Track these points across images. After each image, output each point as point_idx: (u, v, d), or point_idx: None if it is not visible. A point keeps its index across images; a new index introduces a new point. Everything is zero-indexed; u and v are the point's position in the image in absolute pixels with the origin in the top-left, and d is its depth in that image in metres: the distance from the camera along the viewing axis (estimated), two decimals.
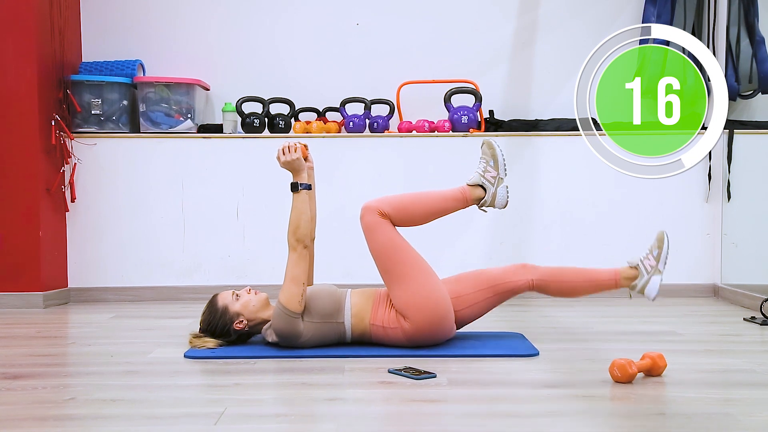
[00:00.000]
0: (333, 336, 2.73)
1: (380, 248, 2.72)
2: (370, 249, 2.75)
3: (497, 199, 2.86)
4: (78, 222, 4.24)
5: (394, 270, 2.69)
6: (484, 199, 2.85)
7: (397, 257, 2.70)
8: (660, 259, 2.88)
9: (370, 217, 2.73)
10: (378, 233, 2.72)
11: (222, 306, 2.77)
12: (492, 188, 2.85)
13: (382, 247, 2.71)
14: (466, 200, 2.83)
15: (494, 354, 2.68)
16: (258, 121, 4.26)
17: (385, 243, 2.71)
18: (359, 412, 2.03)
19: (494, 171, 2.87)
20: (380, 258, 2.73)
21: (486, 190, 2.83)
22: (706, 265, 4.26)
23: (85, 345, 3.02)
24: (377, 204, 2.74)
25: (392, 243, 2.72)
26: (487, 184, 2.85)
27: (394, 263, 2.70)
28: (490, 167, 2.88)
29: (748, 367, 2.53)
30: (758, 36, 4.12)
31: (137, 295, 4.25)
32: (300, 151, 2.72)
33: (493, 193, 2.84)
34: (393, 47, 4.47)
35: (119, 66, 4.29)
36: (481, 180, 2.84)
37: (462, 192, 2.83)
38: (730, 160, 4.14)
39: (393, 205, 2.75)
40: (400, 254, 2.71)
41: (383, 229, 2.72)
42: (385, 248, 2.71)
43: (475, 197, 2.84)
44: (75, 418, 2.00)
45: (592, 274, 2.91)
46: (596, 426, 1.90)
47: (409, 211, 2.77)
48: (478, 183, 2.84)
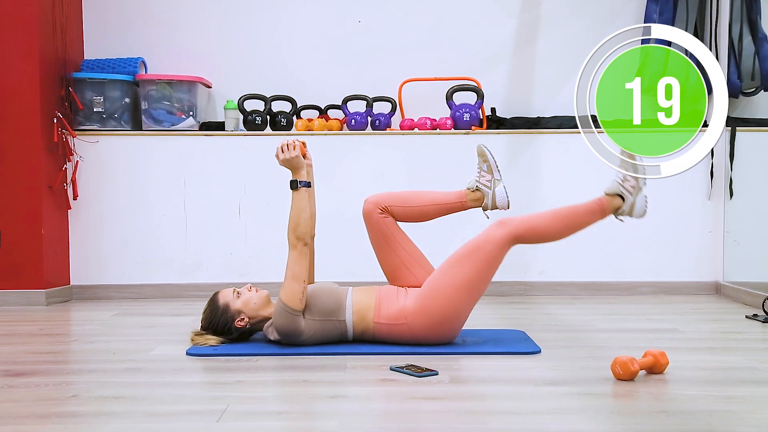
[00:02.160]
0: (334, 334, 2.73)
1: (479, 254, 2.65)
2: (470, 243, 2.69)
3: (636, 207, 2.76)
4: (80, 219, 4.25)
5: (461, 275, 2.65)
6: (622, 208, 2.76)
7: (478, 272, 2.66)
8: (492, 169, 2.89)
9: (506, 234, 2.66)
10: (495, 245, 2.65)
11: (223, 304, 2.77)
12: (631, 198, 2.76)
13: (482, 255, 2.65)
14: (604, 212, 2.73)
15: (496, 351, 2.68)
16: (260, 119, 4.26)
17: (488, 258, 2.65)
18: (361, 410, 2.04)
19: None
20: (466, 256, 2.66)
21: (625, 199, 2.74)
22: (708, 262, 4.26)
23: (88, 342, 3.03)
24: (520, 228, 2.67)
25: (492, 263, 2.67)
26: (626, 194, 2.75)
27: (469, 271, 2.65)
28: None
29: (750, 364, 2.53)
30: (761, 33, 4.12)
31: (139, 292, 4.25)
32: (299, 149, 2.72)
33: (632, 203, 2.75)
34: (395, 45, 4.46)
35: (121, 63, 4.29)
36: (620, 189, 2.75)
37: (600, 204, 2.73)
38: (732, 158, 4.13)
39: (531, 231, 2.70)
40: (482, 273, 2.67)
41: (501, 249, 2.66)
42: (483, 260, 2.65)
43: (613, 207, 2.75)
44: (77, 415, 2.00)
45: (437, 197, 2.92)
46: (598, 423, 1.90)
47: (542, 235, 2.72)
48: (618, 192, 2.75)
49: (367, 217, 2.92)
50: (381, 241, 2.91)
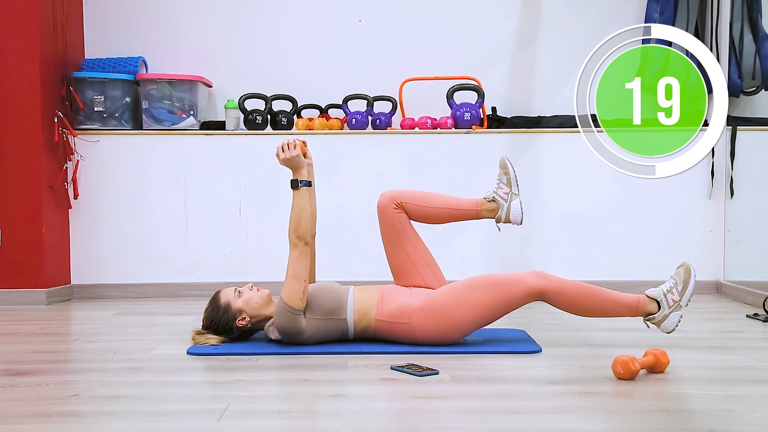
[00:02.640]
0: (335, 333, 2.73)
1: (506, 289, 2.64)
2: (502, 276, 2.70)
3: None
4: (81, 219, 4.25)
5: (480, 298, 2.65)
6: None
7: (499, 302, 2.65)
8: (511, 182, 2.88)
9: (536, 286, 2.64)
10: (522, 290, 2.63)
11: (224, 303, 2.77)
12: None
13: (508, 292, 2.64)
14: (640, 311, 2.69)
15: (497, 351, 2.68)
16: (260, 118, 4.26)
17: (511, 297, 2.64)
18: (362, 409, 2.03)
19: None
20: (494, 285, 2.66)
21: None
22: (709, 261, 4.26)
23: (88, 342, 3.03)
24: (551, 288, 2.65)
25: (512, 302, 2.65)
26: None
27: (489, 296, 2.65)
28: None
29: (751, 363, 2.53)
30: (761, 32, 4.11)
31: (140, 291, 4.25)
32: (299, 148, 2.71)
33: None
34: (395, 44, 4.46)
35: (122, 63, 4.29)
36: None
37: (638, 302, 2.69)
38: (733, 157, 4.13)
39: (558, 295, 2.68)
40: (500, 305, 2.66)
41: (526, 297, 2.65)
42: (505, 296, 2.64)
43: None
44: (78, 414, 2.00)
45: (453, 201, 2.92)
46: (599, 423, 1.90)
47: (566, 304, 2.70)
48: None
49: (381, 211, 2.91)
50: (392, 237, 2.91)
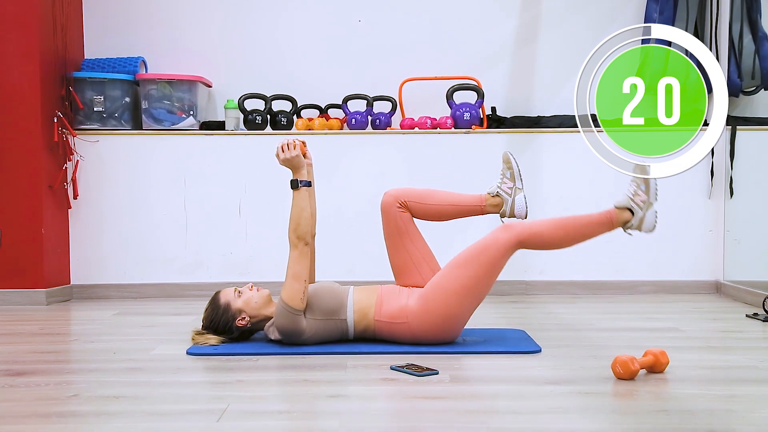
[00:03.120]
0: (335, 333, 2.73)
1: (483, 257, 2.64)
2: (475, 246, 2.69)
3: (646, 221, 2.76)
4: (80, 219, 4.25)
5: (464, 279, 2.65)
6: (630, 222, 2.76)
7: (481, 275, 2.65)
8: (515, 177, 2.90)
9: (511, 239, 2.65)
10: (498, 250, 2.64)
11: (224, 303, 2.77)
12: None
13: (486, 259, 2.64)
14: (612, 224, 2.73)
15: (496, 351, 2.68)
16: (260, 118, 4.26)
17: (490, 261, 2.64)
18: (362, 409, 2.04)
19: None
20: (470, 259, 2.66)
21: (634, 213, 2.74)
22: (709, 261, 4.26)
23: (88, 342, 3.03)
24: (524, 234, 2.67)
25: (494, 267, 2.66)
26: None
27: (473, 275, 2.64)
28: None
29: (751, 363, 2.53)
30: (761, 32, 4.11)
31: (139, 292, 4.25)
32: (299, 148, 2.71)
33: (642, 217, 2.74)
34: (395, 44, 4.46)
35: (121, 63, 4.29)
36: (630, 203, 2.75)
37: (609, 216, 2.74)
38: (732, 157, 4.13)
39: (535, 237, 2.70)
40: (485, 277, 2.66)
41: (504, 254, 2.66)
42: (485, 263, 2.64)
43: (622, 220, 2.75)
44: (78, 414, 2.01)
45: (456, 198, 2.93)
46: (598, 422, 1.90)
47: (545, 242, 2.73)
48: (627, 206, 2.75)
49: (385, 209, 2.92)
50: (394, 236, 2.91)
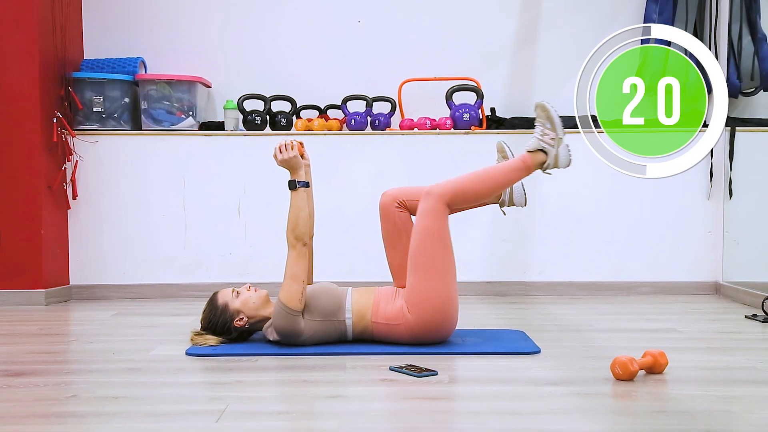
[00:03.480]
0: (334, 334, 2.73)
1: (425, 234, 2.68)
2: (415, 229, 2.72)
3: (560, 159, 2.79)
4: (79, 219, 4.25)
5: (424, 260, 2.67)
6: (546, 162, 2.78)
7: (434, 249, 2.67)
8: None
9: (434, 202, 2.69)
10: (431, 219, 2.68)
11: (222, 304, 2.77)
12: (553, 150, 2.79)
13: (427, 234, 2.68)
14: (528, 168, 2.77)
15: (496, 351, 2.68)
16: (259, 119, 4.26)
17: (432, 231, 2.68)
18: (361, 410, 2.03)
19: (552, 132, 2.80)
20: (418, 242, 2.69)
21: (548, 153, 2.77)
22: (708, 262, 4.26)
23: (87, 342, 3.02)
24: (444, 191, 2.70)
25: (439, 234, 2.68)
26: (548, 147, 2.78)
27: (428, 253, 2.67)
28: (547, 129, 2.81)
29: (750, 364, 2.53)
30: (760, 33, 4.12)
31: (139, 292, 4.25)
32: (297, 149, 2.71)
33: (555, 155, 2.78)
34: (395, 45, 4.46)
35: (121, 63, 4.28)
36: (541, 144, 2.77)
37: (524, 161, 2.77)
38: (731, 158, 4.13)
39: (457, 193, 2.72)
40: (438, 248, 2.68)
41: (438, 218, 2.68)
42: (429, 236, 2.67)
43: (537, 162, 2.78)
44: (77, 415, 2.00)
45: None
46: (598, 423, 1.90)
47: (470, 194, 2.75)
48: (539, 148, 2.77)
49: (383, 210, 2.91)
50: (393, 236, 2.90)
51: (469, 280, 4.22)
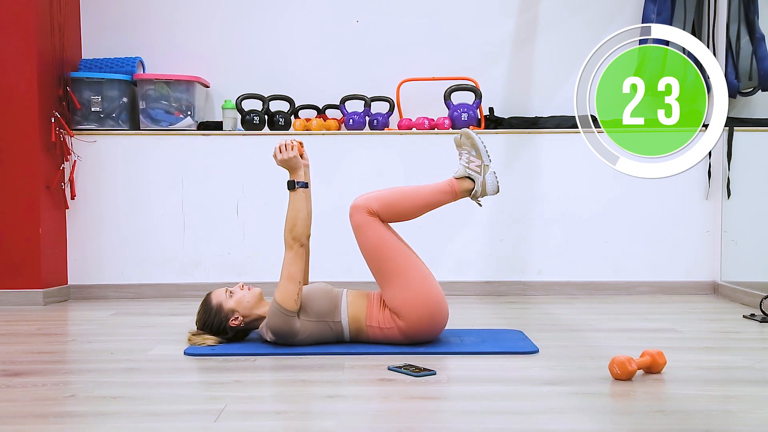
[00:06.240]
0: (330, 335, 2.73)
1: (370, 247, 2.71)
2: (361, 248, 2.74)
3: (487, 186, 2.79)
4: (78, 219, 4.24)
5: (385, 268, 2.68)
6: (474, 189, 2.78)
7: (387, 255, 2.69)
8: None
9: (359, 216, 2.72)
10: (368, 232, 2.70)
11: (216, 304, 2.77)
12: (480, 177, 2.79)
13: (372, 246, 2.70)
14: (455, 193, 2.77)
15: (494, 351, 2.68)
16: (258, 119, 4.26)
17: (374, 242, 2.70)
18: (359, 409, 2.04)
19: (478, 160, 2.81)
20: (371, 257, 2.71)
21: (474, 180, 2.77)
22: (706, 262, 4.26)
23: (86, 342, 3.02)
24: (365, 202, 2.72)
25: (382, 241, 2.70)
26: (474, 174, 2.78)
27: (384, 261, 2.68)
28: (473, 157, 2.82)
29: (748, 364, 2.53)
30: (758, 33, 4.12)
31: (137, 292, 4.25)
32: (296, 149, 2.71)
33: (482, 182, 2.77)
34: (393, 44, 4.46)
35: (119, 63, 4.28)
36: (467, 171, 2.77)
37: (451, 185, 2.77)
38: (729, 158, 4.14)
39: (381, 202, 2.73)
40: (390, 252, 2.69)
41: (373, 228, 2.70)
42: (375, 247, 2.70)
43: (464, 189, 2.78)
44: (75, 415, 2.00)
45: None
46: (596, 423, 1.90)
47: (397, 206, 2.75)
48: (465, 175, 2.78)
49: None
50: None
51: (467, 280, 4.22)
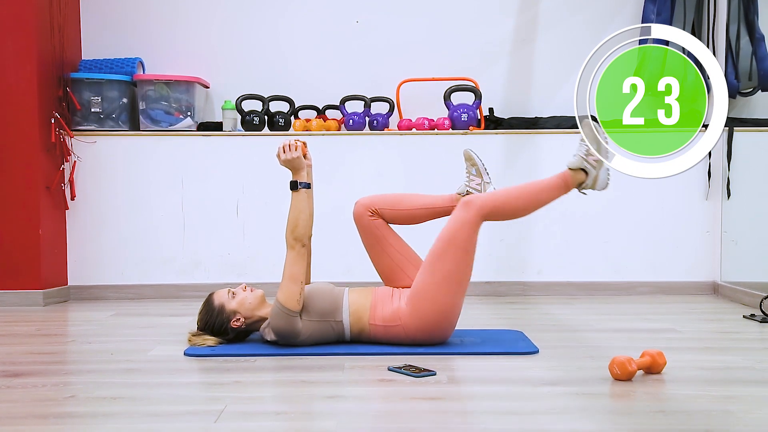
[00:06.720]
0: (331, 335, 2.73)
1: (452, 240, 2.64)
2: (443, 233, 2.67)
3: (599, 181, 2.77)
4: (78, 220, 4.24)
5: (442, 265, 2.64)
6: (585, 182, 2.77)
7: (457, 259, 2.64)
8: (481, 173, 2.89)
9: (472, 215, 2.65)
10: (464, 229, 2.64)
11: (218, 304, 2.77)
12: (594, 171, 2.76)
13: (456, 241, 2.63)
14: (567, 186, 2.75)
15: (494, 351, 2.68)
16: (258, 119, 4.26)
17: (461, 241, 2.64)
18: (359, 410, 2.04)
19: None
20: (443, 247, 2.65)
21: (588, 173, 2.73)
22: (706, 262, 4.26)
23: (85, 343, 3.02)
24: (485, 206, 2.66)
25: (466, 246, 2.65)
26: (590, 168, 2.76)
27: (450, 260, 2.63)
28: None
29: (748, 364, 2.53)
30: (758, 33, 4.12)
31: (137, 292, 4.25)
32: (300, 150, 2.71)
33: (595, 176, 2.73)
34: (393, 45, 4.46)
35: (119, 64, 4.28)
36: (584, 163, 2.74)
37: (564, 179, 2.74)
38: (729, 158, 4.14)
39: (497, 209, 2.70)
40: (462, 259, 2.65)
41: (471, 230, 2.65)
42: (457, 245, 2.63)
43: (577, 181, 2.75)
44: (75, 415, 2.00)
45: (427, 200, 2.94)
46: (596, 423, 1.90)
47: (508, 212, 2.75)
48: (581, 167, 2.74)
49: (358, 219, 2.94)
50: (373, 244, 2.92)
51: None
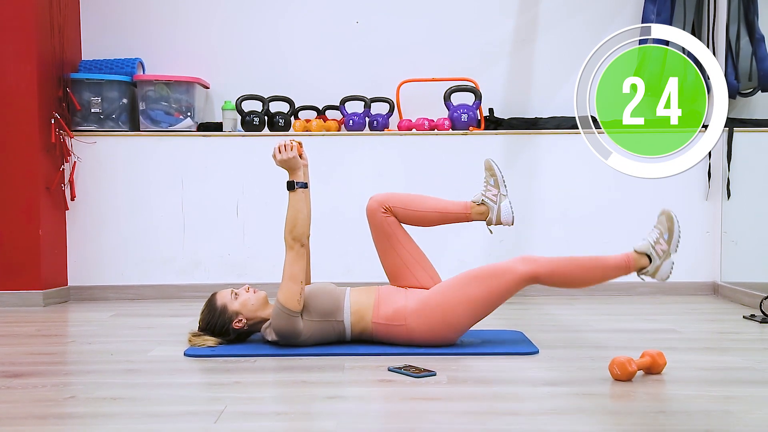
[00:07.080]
0: (332, 335, 2.73)
1: (491, 279, 2.64)
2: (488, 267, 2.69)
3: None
4: (78, 220, 4.24)
5: (469, 289, 2.65)
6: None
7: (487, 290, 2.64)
8: (498, 184, 2.88)
9: (525, 273, 2.63)
10: (508, 280, 2.63)
11: (221, 305, 2.77)
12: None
13: (493, 283, 2.63)
14: (629, 268, 2.70)
15: (494, 352, 2.68)
16: (258, 120, 4.26)
17: (498, 286, 2.64)
18: (359, 410, 2.04)
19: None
20: (480, 276, 2.66)
21: (652, 260, 2.68)
22: (706, 262, 4.26)
23: (85, 343, 3.02)
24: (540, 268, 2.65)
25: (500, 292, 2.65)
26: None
27: (479, 286, 2.64)
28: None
29: (748, 364, 2.53)
30: (758, 34, 4.12)
31: (137, 293, 4.25)
32: (296, 150, 2.71)
33: (658, 266, 2.68)
34: (393, 45, 4.47)
35: (119, 64, 4.28)
36: (650, 250, 2.69)
37: (627, 261, 2.70)
38: (729, 158, 4.14)
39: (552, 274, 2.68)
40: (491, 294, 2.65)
41: (514, 285, 2.64)
42: (493, 287, 2.64)
43: (640, 265, 2.69)
44: (75, 416, 2.00)
45: (441, 204, 2.92)
46: (596, 424, 1.90)
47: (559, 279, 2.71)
48: (647, 253, 2.69)
49: (371, 215, 2.92)
50: (383, 240, 2.91)
51: None
